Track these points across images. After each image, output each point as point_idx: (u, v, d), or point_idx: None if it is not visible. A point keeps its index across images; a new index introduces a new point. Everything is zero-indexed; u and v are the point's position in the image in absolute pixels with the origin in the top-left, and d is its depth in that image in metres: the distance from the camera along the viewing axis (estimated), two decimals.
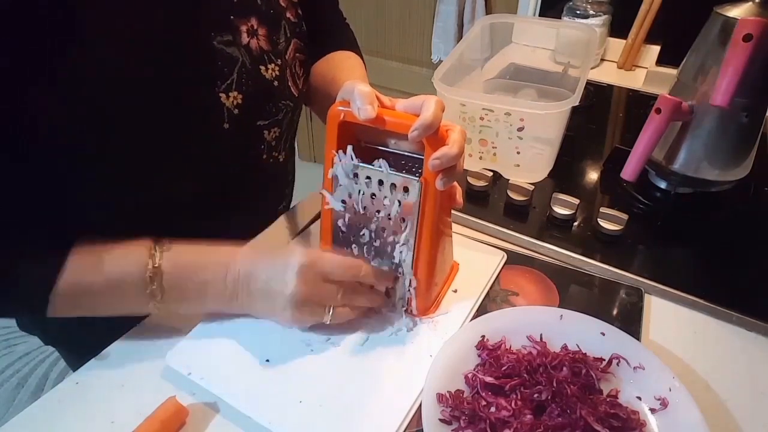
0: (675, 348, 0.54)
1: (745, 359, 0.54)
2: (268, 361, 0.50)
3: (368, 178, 0.50)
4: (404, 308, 0.54)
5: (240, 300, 0.51)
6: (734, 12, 0.64)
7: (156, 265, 0.48)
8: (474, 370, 0.49)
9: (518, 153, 0.76)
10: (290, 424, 0.45)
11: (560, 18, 1.20)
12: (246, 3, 0.56)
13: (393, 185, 0.49)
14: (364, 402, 0.47)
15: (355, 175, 0.50)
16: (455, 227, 0.69)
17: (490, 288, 0.60)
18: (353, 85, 0.47)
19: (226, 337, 0.52)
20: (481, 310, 0.57)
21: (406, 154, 0.51)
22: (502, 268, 0.63)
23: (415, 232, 0.50)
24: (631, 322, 0.55)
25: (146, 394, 0.47)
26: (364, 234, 0.53)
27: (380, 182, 0.49)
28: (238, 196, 0.62)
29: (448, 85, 0.74)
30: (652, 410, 0.46)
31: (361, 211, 0.52)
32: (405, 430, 0.45)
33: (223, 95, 0.53)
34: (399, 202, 0.49)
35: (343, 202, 0.52)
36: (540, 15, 1.34)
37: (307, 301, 0.49)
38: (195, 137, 0.53)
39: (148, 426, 0.43)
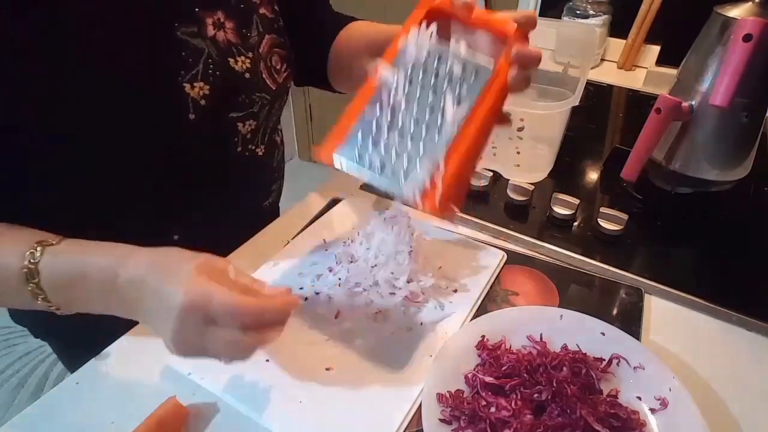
0: (675, 348, 0.54)
1: (745, 359, 0.54)
2: (268, 360, 0.50)
3: (438, 58, 0.48)
4: (418, 198, 0.45)
5: (129, 314, 0.44)
6: (734, 12, 0.64)
7: (34, 261, 0.43)
8: (474, 370, 0.49)
9: (518, 153, 0.76)
10: (290, 424, 0.45)
11: (560, 18, 1.20)
12: None
13: (464, 67, 0.48)
14: (364, 402, 0.47)
15: (428, 54, 0.49)
16: (455, 227, 0.69)
17: (490, 288, 0.60)
18: None
19: None
20: (481, 310, 0.57)
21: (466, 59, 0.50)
22: (502, 268, 0.63)
23: (464, 117, 0.47)
24: (631, 322, 0.55)
25: (146, 394, 0.47)
26: (403, 113, 0.47)
27: (446, 68, 0.48)
28: (214, 187, 0.63)
29: None
30: (652, 410, 0.46)
31: (414, 91, 0.48)
32: (405, 430, 0.45)
33: (187, 85, 0.53)
34: (456, 90, 0.47)
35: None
36: (540, 15, 1.34)
37: (189, 346, 0.40)
38: (157, 127, 0.53)
39: (148, 426, 0.43)
